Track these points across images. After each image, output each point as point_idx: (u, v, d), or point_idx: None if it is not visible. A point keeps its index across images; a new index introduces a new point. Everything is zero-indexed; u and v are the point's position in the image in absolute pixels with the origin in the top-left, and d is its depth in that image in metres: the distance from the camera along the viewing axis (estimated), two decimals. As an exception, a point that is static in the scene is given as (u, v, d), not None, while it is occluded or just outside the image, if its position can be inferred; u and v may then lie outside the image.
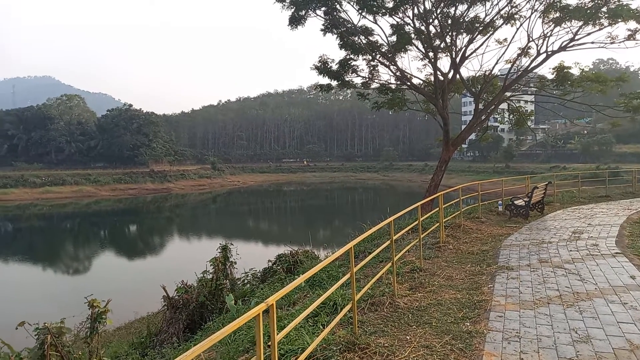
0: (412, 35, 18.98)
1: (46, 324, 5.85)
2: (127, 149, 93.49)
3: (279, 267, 11.37)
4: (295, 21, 18.55)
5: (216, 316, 8.93)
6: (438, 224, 9.95)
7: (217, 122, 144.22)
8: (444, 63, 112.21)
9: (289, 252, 12.07)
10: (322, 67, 19.92)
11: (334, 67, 20.09)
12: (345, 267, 8.71)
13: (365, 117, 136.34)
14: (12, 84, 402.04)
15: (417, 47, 19.52)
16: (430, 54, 19.14)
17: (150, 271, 25.72)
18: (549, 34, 17.26)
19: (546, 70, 36.77)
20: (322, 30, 19.40)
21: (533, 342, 4.59)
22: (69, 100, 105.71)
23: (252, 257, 14.11)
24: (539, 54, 17.65)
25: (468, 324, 5.14)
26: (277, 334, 3.19)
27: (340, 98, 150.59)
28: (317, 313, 5.37)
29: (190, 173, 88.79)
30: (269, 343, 3.15)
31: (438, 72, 19.01)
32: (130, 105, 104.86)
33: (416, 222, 8.41)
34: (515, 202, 13.93)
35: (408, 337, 4.80)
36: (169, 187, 78.54)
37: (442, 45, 19.20)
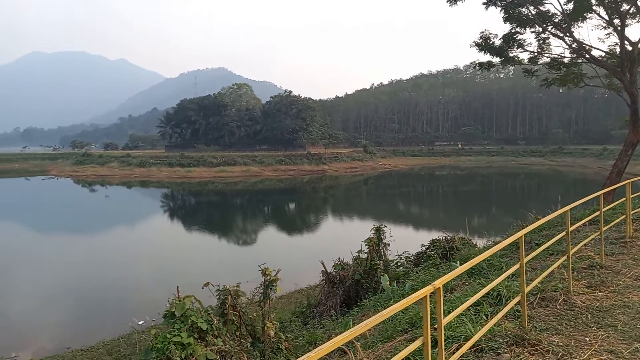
0: (593, 1, 16.57)
1: (225, 286, 6.67)
2: (287, 132, 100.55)
3: (433, 252, 11.18)
4: (455, -4, 17.66)
5: (371, 294, 9.17)
6: (624, 216, 8.64)
7: (370, 106, 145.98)
8: (633, 31, 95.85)
9: (444, 237, 11.76)
10: (484, 44, 18.65)
11: (497, 42, 18.65)
12: (508, 257, 8.16)
13: (529, 96, 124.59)
14: (194, 76, 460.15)
15: (598, 15, 17.00)
16: (616, 20, 16.51)
17: (306, 246, 27.48)
18: None
19: None
20: (484, 3, 18.10)
21: None
22: (239, 89, 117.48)
23: (403, 240, 14.08)
24: None
25: (665, 333, 4.39)
26: (444, 317, 3.12)
27: (501, 76, 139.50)
28: (480, 302, 5.14)
29: (343, 156, 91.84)
30: (435, 326, 3.11)
31: (625, 42, 16.33)
32: (290, 92, 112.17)
33: (596, 214, 7.43)
34: None
35: (587, 339, 4.30)
36: (323, 169, 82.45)
37: (631, 10, 16.40)
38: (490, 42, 18.58)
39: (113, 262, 24.53)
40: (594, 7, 16.76)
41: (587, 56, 17.42)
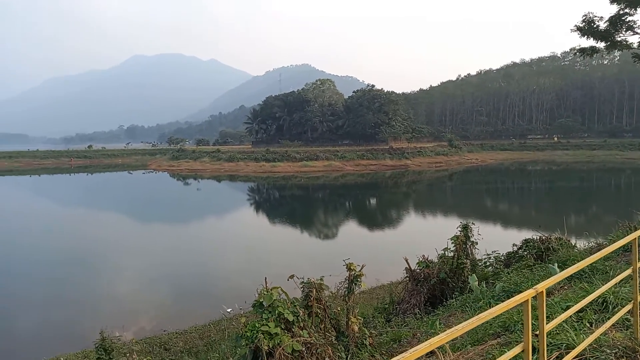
0: None
1: (310, 279, 6.76)
2: (369, 127, 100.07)
3: (526, 253, 10.49)
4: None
5: (457, 294, 8.81)
6: None
7: (456, 98, 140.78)
8: None
9: (538, 237, 10.98)
10: (587, 28, 17.12)
11: (602, 25, 17.00)
12: (614, 260, 7.44)
13: (638, 83, 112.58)
14: (279, 73, 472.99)
15: None
16: None
17: (388, 242, 27.16)
18: None
19: None
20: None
21: None
22: (322, 84, 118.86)
23: (491, 238, 13.40)
24: None
25: None
26: (546, 323, 2.88)
27: (605, 62, 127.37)
28: (582, 309, 4.71)
29: (427, 150, 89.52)
30: (535, 332, 2.88)
31: None
32: (373, 86, 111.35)
33: None
34: None
35: None
36: (406, 164, 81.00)
37: None
38: (595, 26, 17.01)
39: (203, 250, 26.05)
40: None
41: None
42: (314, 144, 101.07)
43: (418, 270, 9.91)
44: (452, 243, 10.44)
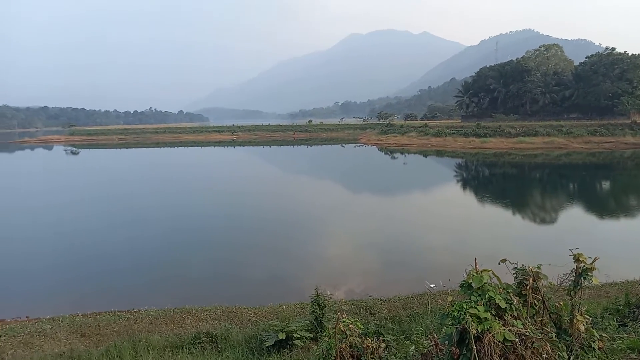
0: None
1: (524, 266, 6.13)
2: (605, 98, 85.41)
3: None
4: None
5: None
6: None
7: None
8: None
9: None
10: None
11: None
12: None
13: None
14: (496, 42, 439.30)
15: None
16: None
17: (622, 233, 23.15)
18: None
19: None
20: None
21: None
22: (547, 51, 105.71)
23: None
24: None
25: None
26: None
27: None
28: None
29: (687, 126, 71.79)
30: None
31: None
32: (613, 49, 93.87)
33: None
34: None
35: None
36: (654, 142, 66.67)
37: None
38: None
39: (408, 223, 26.46)
40: None
41: None
42: (532, 118, 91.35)
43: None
44: None
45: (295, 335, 8.91)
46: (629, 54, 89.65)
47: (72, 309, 13.76)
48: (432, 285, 10.84)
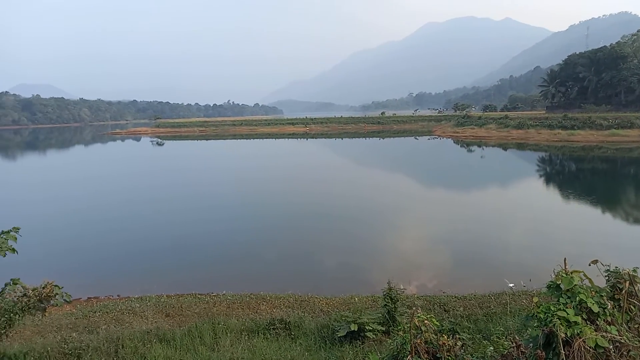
0: None
1: (619, 269, 5.66)
2: None
3: None
4: None
5: None
6: None
7: None
8: None
9: None
10: None
11: None
12: None
13: None
14: (587, 26, 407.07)
15: None
16: None
17: None
18: None
19: None
20: None
21: None
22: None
23: None
24: None
25: None
26: None
27: None
28: None
29: None
30: None
31: None
32: None
33: None
34: None
35: None
36: None
37: None
38: None
39: (485, 219, 25.39)
40: None
41: None
42: (627, 109, 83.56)
43: None
44: None
45: (367, 327, 8.93)
46: None
47: (158, 289, 14.77)
48: (511, 285, 10.35)
